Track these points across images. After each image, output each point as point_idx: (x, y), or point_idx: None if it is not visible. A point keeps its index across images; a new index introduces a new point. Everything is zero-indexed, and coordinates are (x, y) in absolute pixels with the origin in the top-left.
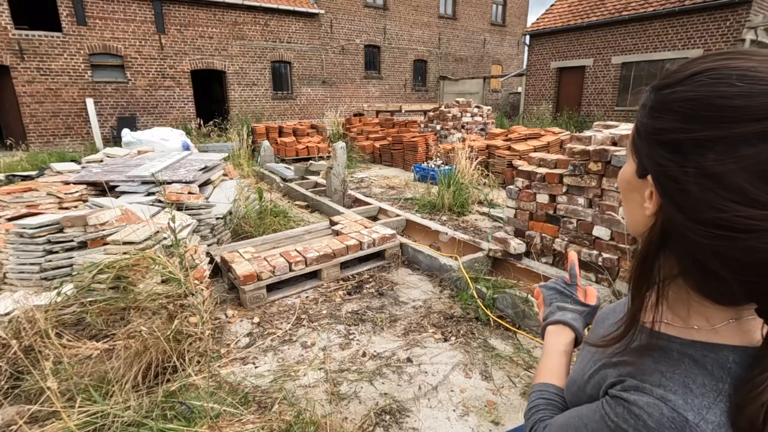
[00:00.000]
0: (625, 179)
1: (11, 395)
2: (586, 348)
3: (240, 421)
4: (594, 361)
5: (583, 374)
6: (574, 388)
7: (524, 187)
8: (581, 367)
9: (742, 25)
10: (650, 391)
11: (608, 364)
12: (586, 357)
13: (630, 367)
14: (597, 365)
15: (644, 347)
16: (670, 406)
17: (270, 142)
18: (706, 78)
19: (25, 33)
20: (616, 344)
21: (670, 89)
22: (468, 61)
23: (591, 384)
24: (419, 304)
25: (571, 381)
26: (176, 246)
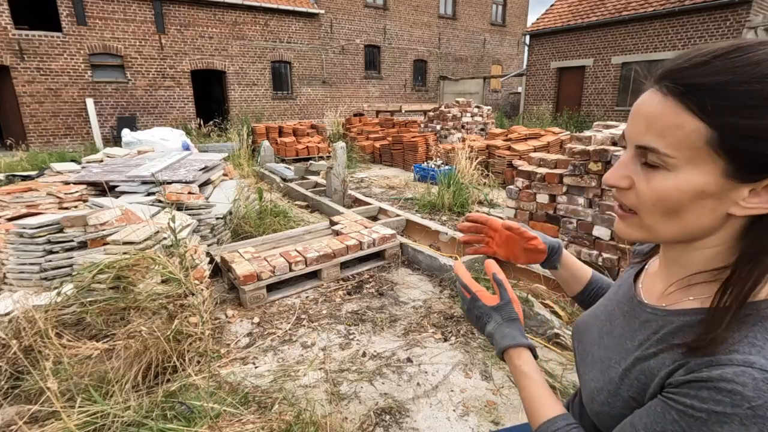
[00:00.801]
0: (692, 190)
1: (11, 395)
2: (588, 350)
3: (240, 421)
4: (619, 359)
5: (608, 379)
6: (602, 397)
7: (524, 187)
8: (599, 372)
9: (742, 25)
10: (728, 360)
11: (648, 356)
12: (598, 359)
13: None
14: (628, 361)
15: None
16: (758, 367)
17: (270, 142)
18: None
19: (25, 33)
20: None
21: (761, 84)
22: (468, 61)
23: (627, 384)
24: (419, 304)
25: (594, 391)
26: (176, 246)
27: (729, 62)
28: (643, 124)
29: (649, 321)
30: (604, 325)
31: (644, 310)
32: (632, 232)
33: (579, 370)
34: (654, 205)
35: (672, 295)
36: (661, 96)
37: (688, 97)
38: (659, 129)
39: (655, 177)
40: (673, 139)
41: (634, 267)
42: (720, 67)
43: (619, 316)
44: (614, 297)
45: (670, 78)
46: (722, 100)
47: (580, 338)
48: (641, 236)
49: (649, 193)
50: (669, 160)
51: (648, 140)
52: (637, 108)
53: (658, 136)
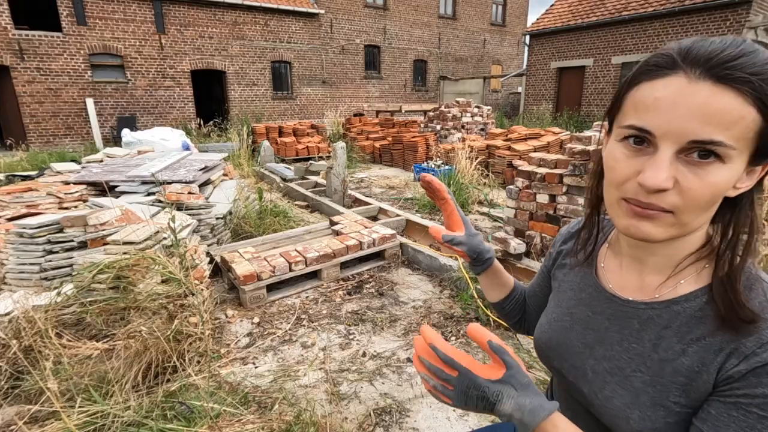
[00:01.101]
0: (734, 179)
1: (11, 395)
2: (581, 366)
3: (240, 421)
4: (636, 366)
5: (635, 390)
6: (639, 412)
7: (524, 187)
8: (618, 386)
9: (742, 25)
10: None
11: (676, 354)
12: (605, 372)
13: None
14: (652, 366)
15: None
16: None
17: (270, 142)
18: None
19: (25, 33)
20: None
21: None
22: (468, 61)
23: (664, 391)
24: (419, 304)
25: (625, 408)
26: (176, 246)
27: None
28: (698, 117)
29: (651, 318)
30: (586, 336)
31: (637, 307)
32: (664, 231)
33: (577, 389)
34: (707, 201)
35: (662, 285)
36: (711, 85)
37: (750, 85)
38: (725, 121)
39: (710, 172)
40: (737, 131)
41: (580, 269)
42: (767, 58)
43: (604, 321)
44: (576, 305)
45: (723, 66)
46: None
47: (559, 357)
48: (671, 234)
49: (706, 189)
50: (731, 152)
51: (710, 134)
52: (679, 99)
53: (723, 129)
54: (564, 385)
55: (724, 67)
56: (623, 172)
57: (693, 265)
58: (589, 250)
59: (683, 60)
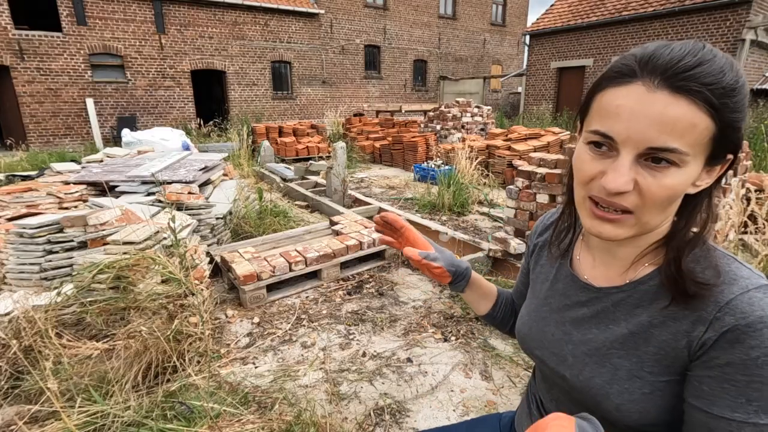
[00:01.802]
0: (689, 181)
1: (11, 395)
2: (560, 352)
3: (240, 421)
4: (611, 344)
5: (614, 366)
6: (617, 387)
7: (524, 187)
8: (597, 365)
9: (742, 25)
10: (729, 293)
11: (645, 327)
12: (584, 354)
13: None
14: (625, 341)
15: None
16: (753, 287)
17: (270, 142)
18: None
19: (25, 33)
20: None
21: (741, 83)
22: (468, 61)
23: (638, 362)
24: (419, 304)
25: (605, 384)
26: (176, 246)
27: (719, 64)
28: (655, 126)
29: (623, 299)
30: (563, 323)
31: (609, 292)
32: (625, 231)
33: (559, 374)
34: (659, 201)
35: (629, 270)
36: (668, 94)
37: (703, 95)
38: (679, 129)
39: (666, 176)
40: (690, 138)
41: (555, 261)
42: (722, 66)
43: (580, 308)
44: (553, 295)
45: (679, 77)
46: (728, 98)
47: (539, 345)
48: (632, 234)
49: (662, 191)
50: (685, 158)
51: (665, 141)
52: (638, 107)
53: (677, 137)
54: (546, 373)
55: (680, 77)
56: (588, 172)
57: (655, 250)
58: (566, 243)
59: (643, 69)
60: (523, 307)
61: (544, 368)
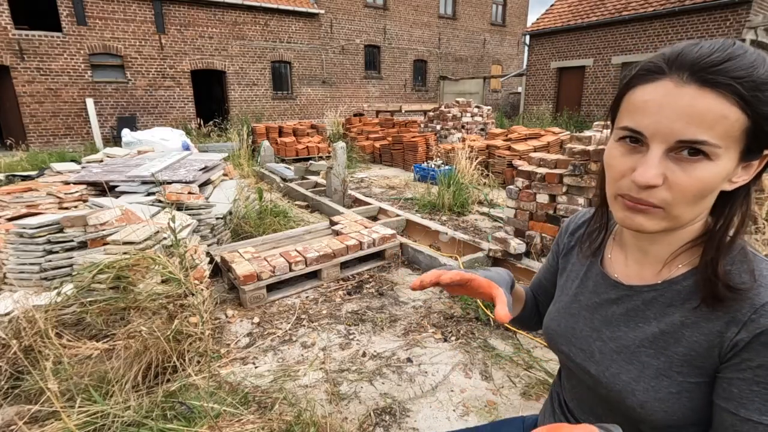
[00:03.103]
0: (723, 175)
1: (11, 395)
2: (588, 348)
3: (240, 421)
4: (641, 341)
5: (642, 364)
6: (643, 384)
7: (524, 187)
8: (625, 362)
9: (742, 25)
10: (767, 295)
11: (677, 327)
12: (613, 351)
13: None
14: (655, 340)
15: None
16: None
17: (270, 142)
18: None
19: (25, 33)
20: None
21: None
22: (468, 61)
23: (667, 361)
24: (419, 304)
25: (631, 382)
26: (176, 246)
27: (750, 59)
28: (684, 118)
29: (655, 298)
30: (593, 320)
31: (641, 290)
32: (656, 223)
33: (586, 371)
34: (691, 194)
35: (663, 270)
36: (696, 89)
37: (732, 88)
38: (708, 122)
39: (697, 168)
40: (720, 130)
41: (586, 259)
42: (754, 61)
43: (610, 305)
44: (583, 292)
45: (708, 71)
46: (761, 91)
47: (567, 341)
48: (663, 227)
49: (693, 184)
50: (716, 150)
51: (694, 134)
52: (666, 102)
53: (706, 129)
54: (572, 369)
55: (708, 72)
56: (619, 169)
57: (690, 250)
58: (598, 242)
59: (671, 65)
60: (552, 305)
61: (571, 364)
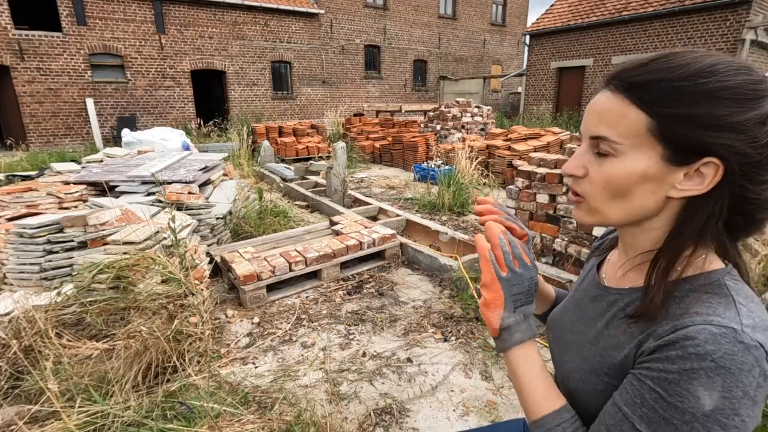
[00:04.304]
0: (636, 173)
1: (11, 395)
2: (562, 337)
3: (240, 421)
4: (590, 339)
5: (583, 358)
6: (577, 375)
7: (524, 187)
8: (574, 353)
9: (742, 25)
10: (690, 321)
11: (614, 329)
12: (572, 342)
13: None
14: (598, 339)
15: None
16: (716, 324)
17: (270, 142)
18: (727, 69)
19: (25, 33)
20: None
21: (695, 81)
22: (468, 61)
23: (599, 360)
24: (419, 304)
25: (570, 371)
26: (176, 246)
27: (664, 63)
28: (596, 117)
29: (615, 301)
30: (574, 314)
31: (609, 292)
32: (584, 216)
33: (554, 358)
34: (603, 188)
35: (628, 275)
36: (610, 93)
37: (632, 91)
38: (610, 120)
39: (605, 163)
40: (621, 128)
41: (595, 259)
42: (657, 67)
43: (588, 302)
44: (580, 288)
45: (618, 78)
46: (659, 93)
47: (554, 329)
48: (593, 220)
49: (600, 177)
50: (617, 146)
51: (600, 130)
52: (590, 105)
53: (608, 126)
54: (554, 358)
55: (616, 78)
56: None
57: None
58: (606, 246)
59: (606, 77)
60: None
61: (553, 353)
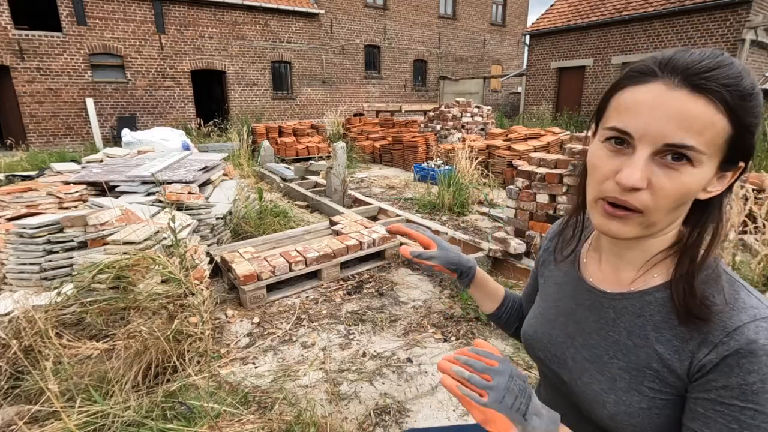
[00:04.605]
0: (703, 182)
1: (11, 395)
2: (562, 355)
3: (240, 421)
4: (613, 353)
5: (612, 375)
6: (614, 396)
7: (524, 187)
8: (596, 372)
9: (742, 25)
10: (739, 321)
11: (649, 342)
12: (585, 360)
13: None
14: (627, 353)
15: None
16: (762, 316)
17: (270, 142)
18: (752, 77)
19: (25, 33)
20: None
21: (753, 90)
22: (468, 61)
23: (639, 376)
24: (419, 304)
25: (602, 392)
26: (176, 246)
27: (735, 70)
28: (673, 121)
29: (626, 307)
30: (567, 327)
31: (612, 298)
32: (632, 229)
33: (559, 378)
34: (674, 200)
35: (637, 278)
36: (687, 93)
37: (721, 96)
38: (697, 127)
39: (682, 174)
40: (708, 137)
41: (564, 264)
42: (740, 72)
43: (584, 312)
44: (560, 296)
45: (699, 76)
46: (746, 101)
47: (543, 348)
48: (639, 233)
49: (676, 189)
50: (701, 157)
51: (682, 138)
52: (657, 104)
53: (695, 134)
54: (547, 375)
55: (700, 77)
56: (603, 170)
57: (665, 261)
58: (573, 246)
59: (664, 68)
60: (531, 310)
61: (546, 371)
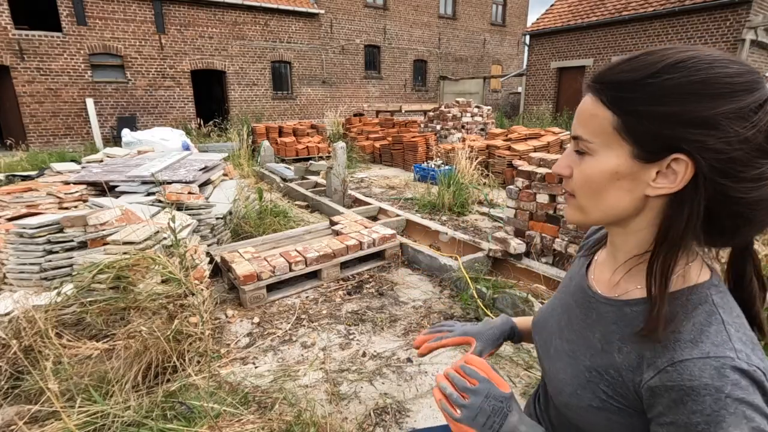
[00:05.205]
0: (608, 171)
1: (11, 395)
2: (549, 342)
3: (240, 421)
4: (584, 352)
5: (576, 371)
6: (570, 389)
7: (524, 187)
8: (566, 364)
9: (742, 25)
10: (688, 355)
11: (612, 349)
12: (563, 351)
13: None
14: (594, 355)
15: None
16: (713, 356)
17: (270, 142)
18: (697, 63)
19: (25, 33)
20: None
21: (662, 77)
22: (468, 61)
23: (596, 377)
24: (419, 304)
25: (562, 383)
26: (176, 246)
27: (633, 63)
28: (577, 118)
29: (606, 313)
30: (562, 318)
31: (598, 301)
32: (572, 213)
33: (542, 363)
34: (582, 186)
35: (621, 284)
36: (589, 95)
37: (602, 91)
38: (583, 120)
39: (584, 162)
40: (592, 127)
41: (584, 258)
42: (625, 68)
43: (576, 308)
44: (567, 289)
45: (594, 80)
46: (624, 92)
47: (540, 331)
48: (578, 218)
49: (579, 176)
50: (590, 145)
51: (577, 131)
52: (577, 108)
53: (583, 126)
54: (539, 363)
55: (593, 79)
56: None
57: (644, 271)
58: (593, 244)
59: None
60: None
61: (541, 358)
